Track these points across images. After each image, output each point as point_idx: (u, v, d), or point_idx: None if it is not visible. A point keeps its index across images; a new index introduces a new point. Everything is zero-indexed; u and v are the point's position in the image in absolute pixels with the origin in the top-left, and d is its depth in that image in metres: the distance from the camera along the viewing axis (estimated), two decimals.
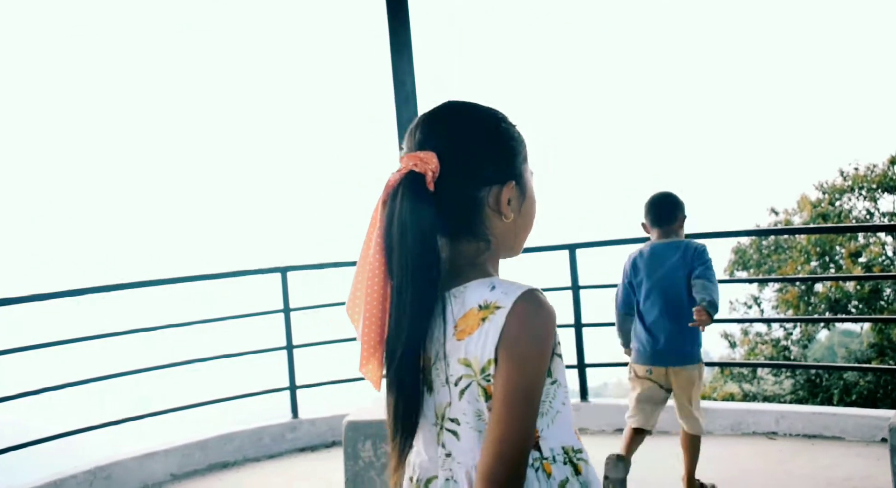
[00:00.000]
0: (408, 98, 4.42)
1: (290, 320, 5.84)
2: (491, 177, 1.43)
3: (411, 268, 1.37)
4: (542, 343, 1.35)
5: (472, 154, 1.42)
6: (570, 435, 1.45)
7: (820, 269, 15.81)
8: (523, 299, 1.35)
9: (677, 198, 4.13)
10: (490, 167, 1.43)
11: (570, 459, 1.43)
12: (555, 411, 1.42)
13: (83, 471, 4.87)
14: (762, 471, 4.46)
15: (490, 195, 1.43)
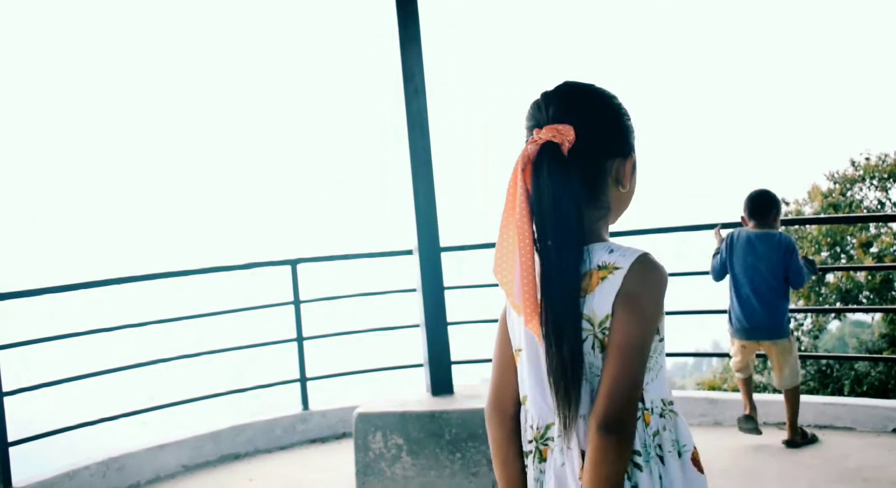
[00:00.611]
0: (417, 91, 4.41)
1: (300, 312, 5.85)
2: (616, 150, 1.58)
3: (569, 232, 1.50)
4: (657, 299, 1.50)
5: (604, 128, 1.56)
6: (666, 388, 1.59)
7: (831, 260, 15.76)
8: (639, 261, 1.49)
9: (773, 196, 4.73)
10: (616, 141, 1.58)
11: (666, 411, 1.57)
12: (659, 366, 1.56)
13: (96, 463, 4.90)
14: (773, 462, 4.46)
15: (613, 166, 1.58)
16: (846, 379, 13.67)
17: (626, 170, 1.59)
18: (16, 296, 4.81)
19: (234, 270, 5.86)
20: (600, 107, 1.57)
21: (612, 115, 1.58)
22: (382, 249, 6.11)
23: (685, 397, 5.54)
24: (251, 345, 5.82)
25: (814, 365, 14.17)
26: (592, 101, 1.58)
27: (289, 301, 5.84)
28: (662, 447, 1.54)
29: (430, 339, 4.59)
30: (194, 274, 5.73)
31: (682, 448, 1.56)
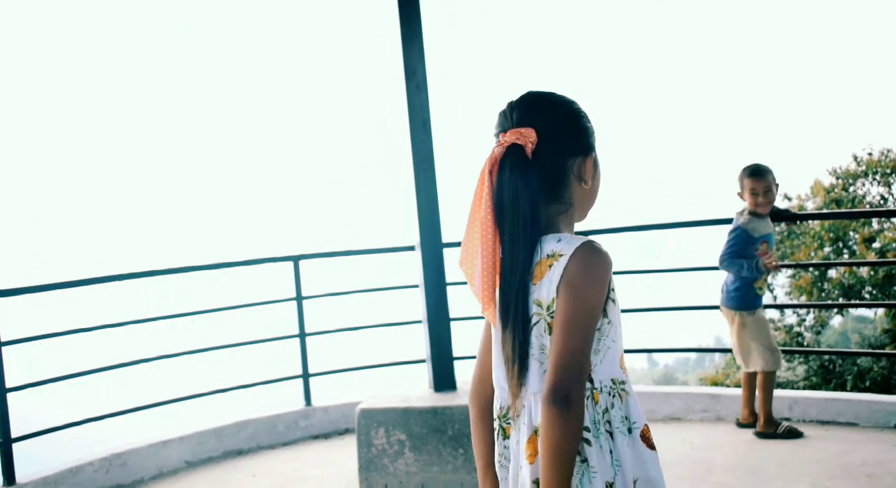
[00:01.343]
0: (419, 87, 4.41)
1: (302, 308, 5.85)
2: (576, 150, 1.72)
3: (524, 225, 1.65)
4: (597, 280, 1.62)
5: (563, 130, 1.71)
6: (617, 368, 1.70)
7: (833, 255, 15.70)
8: (581, 247, 1.63)
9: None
10: (576, 141, 1.72)
11: (617, 390, 1.68)
12: (606, 348, 1.67)
13: (99, 458, 4.91)
14: (776, 458, 4.45)
15: (575, 165, 1.72)
16: (849, 375, 13.64)
17: (587, 167, 1.73)
18: (19, 292, 4.82)
19: (237, 267, 5.86)
20: (560, 111, 1.73)
21: (571, 118, 1.73)
22: (384, 245, 6.11)
23: (687, 393, 5.53)
24: (254, 341, 5.83)
25: (816, 360, 14.15)
26: (552, 107, 1.73)
27: (291, 297, 5.84)
28: (612, 423, 1.64)
29: (433, 335, 4.60)
30: (197, 270, 5.73)
31: (632, 424, 1.67)
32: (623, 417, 1.66)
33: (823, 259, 15.61)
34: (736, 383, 15.68)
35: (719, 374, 17.64)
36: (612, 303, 1.67)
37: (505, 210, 1.66)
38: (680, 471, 4.34)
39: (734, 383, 15.71)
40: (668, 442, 4.91)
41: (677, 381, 41.02)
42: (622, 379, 1.69)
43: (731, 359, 17.64)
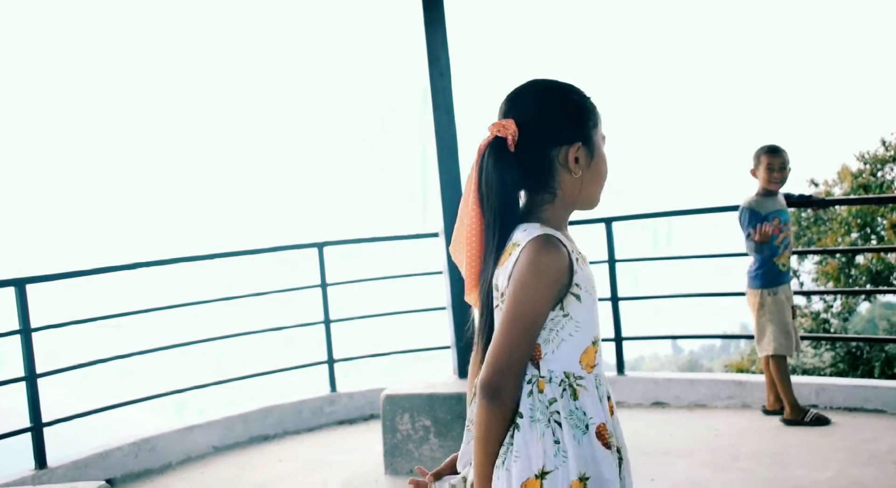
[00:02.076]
0: (442, 73, 4.41)
1: (327, 295, 5.88)
2: (562, 139, 1.70)
3: (495, 214, 1.70)
4: (540, 276, 1.61)
5: (545, 120, 1.70)
6: (575, 363, 1.67)
7: (861, 241, 15.55)
8: (533, 240, 1.63)
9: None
10: (561, 131, 1.70)
11: (570, 383, 1.65)
12: (560, 339, 1.66)
13: (128, 444, 4.98)
14: (803, 445, 4.43)
15: (561, 154, 1.70)
16: (876, 362, 13.53)
17: (572, 156, 1.70)
18: (50, 278, 4.88)
19: (261, 253, 5.89)
20: (543, 100, 1.72)
21: (553, 108, 1.71)
22: (408, 232, 6.11)
23: (712, 379, 5.51)
24: (279, 327, 5.86)
25: (843, 347, 14.04)
26: (535, 97, 1.73)
27: (316, 284, 5.87)
28: (561, 414, 1.63)
29: (457, 322, 4.61)
30: (222, 257, 5.77)
31: (588, 421, 1.64)
32: (572, 411, 1.64)
33: (851, 245, 15.46)
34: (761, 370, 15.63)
35: (745, 361, 17.55)
36: (575, 298, 1.66)
37: (485, 200, 1.72)
38: (705, 458, 4.33)
39: (759, 370, 15.64)
40: (693, 429, 4.90)
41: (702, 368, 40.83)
42: (580, 375, 1.67)
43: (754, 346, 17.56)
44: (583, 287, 1.66)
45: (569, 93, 1.74)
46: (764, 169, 4.82)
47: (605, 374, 1.75)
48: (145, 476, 4.95)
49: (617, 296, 5.73)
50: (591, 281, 1.70)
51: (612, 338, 5.78)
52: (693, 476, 4.10)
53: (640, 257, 6.01)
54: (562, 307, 1.65)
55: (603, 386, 1.70)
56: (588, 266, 1.72)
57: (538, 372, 1.66)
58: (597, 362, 1.70)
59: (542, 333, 1.66)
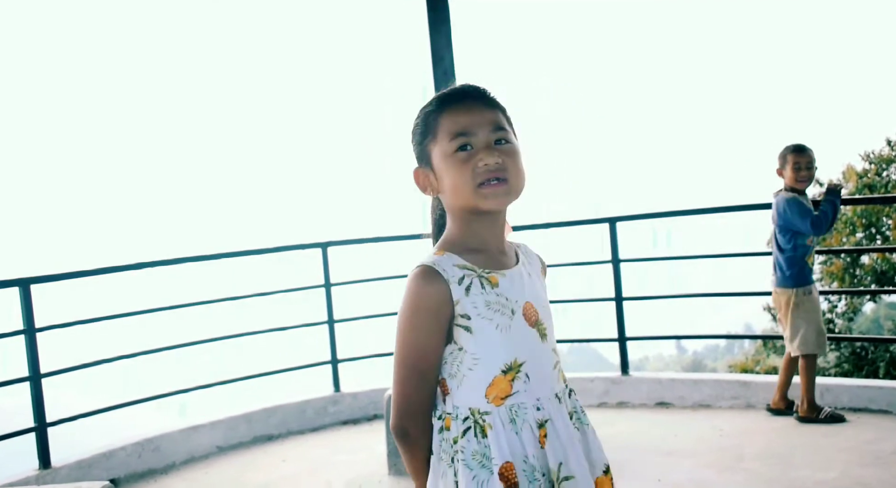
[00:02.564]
0: (446, 73, 4.40)
1: (331, 295, 5.88)
2: (417, 159, 1.69)
3: (434, 238, 1.75)
4: (413, 311, 1.57)
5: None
6: (480, 397, 1.58)
7: (866, 241, 15.51)
8: (411, 273, 1.59)
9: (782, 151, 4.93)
10: (414, 152, 1.69)
11: (476, 420, 1.57)
12: (461, 374, 1.59)
13: (132, 443, 4.98)
14: (807, 445, 4.42)
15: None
16: (881, 362, 13.51)
17: (416, 182, 1.69)
18: (54, 278, 4.88)
19: (266, 253, 5.90)
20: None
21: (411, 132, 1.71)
22: (412, 232, 6.11)
23: (717, 380, 5.50)
24: (283, 327, 5.86)
25: (848, 347, 14.02)
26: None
27: (319, 284, 5.87)
28: (465, 453, 1.56)
29: None
30: (226, 257, 5.77)
31: (489, 462, 1.55)
32: (475, 450, 1.55)
33: (856, 245, 15.43)
34: (766, 370, 15.59)
35: (749, 361, 17.53)
36: (464, 330, 1.57)
37: None
38: (709, 459, 4.32)
39: (764, 370, 15.62)
40: (698, 430, 4.89)
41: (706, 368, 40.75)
42: (486, 410, 1.57)
43: (761, 346, 17.52)
44: (474, 315, 1.57)
45: (417, 115, 1.69)
46: (791, 168, 4.80)
47: (550, 396, 1.63)
48: (149, 476, 4.95)
49: (621, 296, 5.72)
50: (497, 304, 1.59)
51: (616, 339, 5.78)
52: (697, 476, 4.09)
53: (643, 257, 5.99)
54: (454, 341, 1.59)
55: (527, 416, 1.59)
56: (500, 287, 1.60)
57: (446, 409, 1.60)
58: (515, 390, 1.59)
59: (446, 368, 1.60)
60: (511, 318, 1.60)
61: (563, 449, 1.60)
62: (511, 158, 1.61)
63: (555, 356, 1.69)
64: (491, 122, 1.61)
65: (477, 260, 1.62)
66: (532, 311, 1.64)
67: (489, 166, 1.58)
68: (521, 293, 1.64)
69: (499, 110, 1.66)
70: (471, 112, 1.61)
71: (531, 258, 1.77)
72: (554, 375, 1.66)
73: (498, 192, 1.59)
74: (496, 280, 1.61)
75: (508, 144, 1.62)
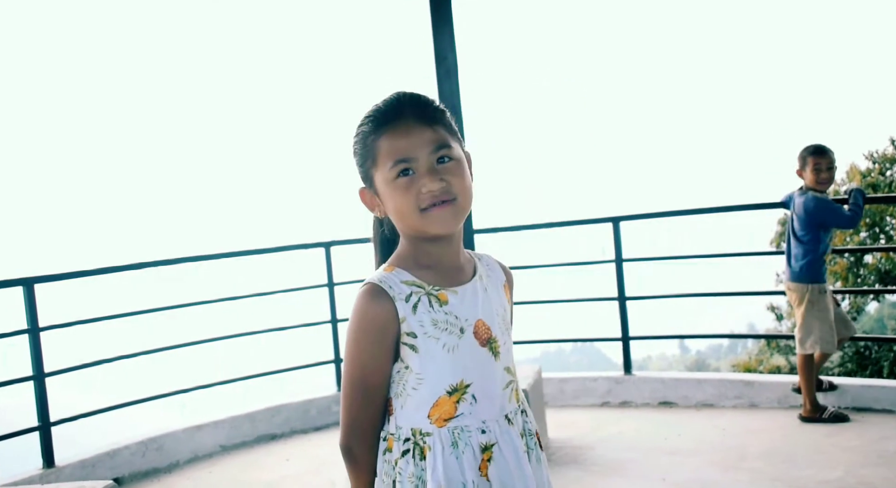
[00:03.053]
0: (449, 72, 4.40)
1: (334, 294, 5.88)
2: (362, 180, 1.64)
3: (380, 255, 1.79)
4: (352, 327, 1.54)
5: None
6: (423, 418, 1.54)
7: (869, 240, 15.48)
8: (359, 290, 1.58)
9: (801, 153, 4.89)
10: (358, 172, 1.64)
11: (416, 441, 1.53)
12: (406, 394, 1.55)
13: (136, 442, 4.99)
14: (811, 445, 4.41)
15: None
16: (885, 361, 13.47)
17: (363, 201, 1.68)
18: (58, 278, 4.89)
19: (269, 253, 5.90)
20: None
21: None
22: None
23: (720, 379, 5.49)
24: (286, 327, 5.87)
25: (852, 346, 13.98)
26: None
27: (323, 283, 5.87)
28: (404, 476, 1.52)
29: None
30: (229, 257, 5.77)
31: (424, 485, 1.51)
32: (413, 475, 1.51)
33: (859, 244, 15.40)
34: (770, 369, 15.55)
35: (752, 361, 17.49)
36: (410, 348, 1.53)
37: None
38: (712, 458, 4.32)
39: (767, 370, 15.58)
40: (701, 429, 4.89)
41: (710, 368, 40.75)
42: (427, 431, 1.53)
43: (765, 346, 17.49)
44: (420, 334, 1.52)
45: (354, 134, 1.63)
46: (811, 170, 4.78)
47: (498, 418, 1.57)
48: (153, 475, 4.96)
49: (624, 295, 5.71)
50: (445, 323, 1.54)
51: (620, 338, 5.77)
52: (701, 475, 4.08)
53: (647, 257, 5.98)
54: (400, 359, 1.55)
55: (470, 439, 1.53)
56: (450, 305, 1.56)
57: (390, 429, 1.57)
58: (459, 412, 1.54)
59: (392, 387, 1.57)
60: (460, 337, 1.55)
61: (509, 475, 1.54)
62: (455, 176, 1.54)
63: (508, 375, 1.62)
64: (431, 143, 1.53)
65: (427, 276, 1.57)
66: (484, 329, 1.58)
67: (433, 192, 1.51)
68: (473, 310, 1.58)
69: (439, 125, 1.56)
70: (409, 134, 1.53)
71: (493, 271, 1.70)
72: (505, 395, 1.60)
73: (445, 215, 1.53)
74: (445, 297, 1.56)
75: (451, 161, 1.54)
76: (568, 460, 4.47)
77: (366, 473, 1.58)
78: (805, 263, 4.82)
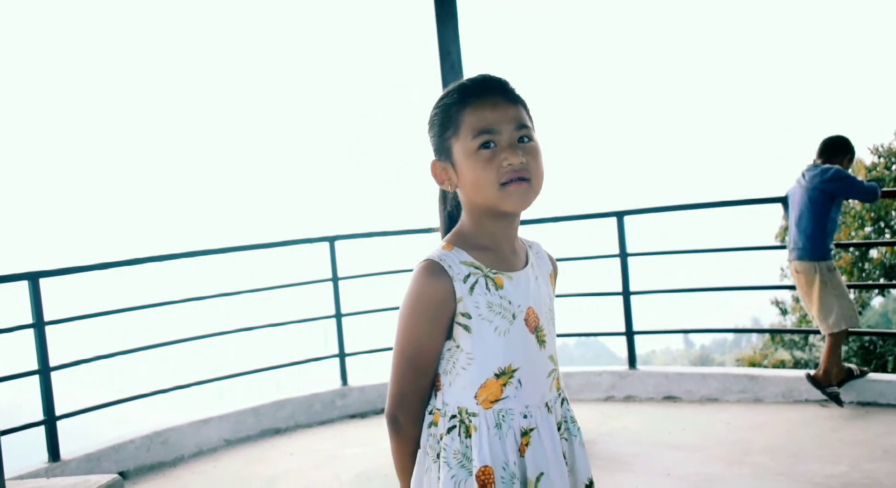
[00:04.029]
0: (453, 67, 4.39)
1: (338, 289, 5.89)
2: (436, 155, 1.64)
3: (444, 232, 1.73)
4: (414, 304, 1.55)
5: (429, 137, 1.65)
6: (470, 398, 1.57)
7: (875, 235, 15.45)
8: (417, 266, 1.58)
9: (836, 141, 4.94)
10: (434, 147, 1.64)
11: (462, 420, 1.57)
12: (455, 372, 1.58)
13: (141, 437, 5.00)
14: (815, 439, 4.41)
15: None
16: (890, 356, 13.45)
17: (434, 175, 1.65)
18: (63, 272, 4.89)
19: (273, 247, 5.90)
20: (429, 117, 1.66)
21: (428, 124, 1.65)
22: (420, 226, 6.10)
23: (724, 374, 5.49)
24: (290, 321, 5.87)
25: (856, 341, 13.97)
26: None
27: (327, 278, 5.88)
28: (448, 451, 1.55)
29: None
30: (234, 251, 5.77)
31: (469, 463, 1.55)
32: (457, 450, 1.55)
33: (864, 238, 15.37)
34: (774, 364, 15.53)
35: (757, 355, 17.48)
36: (463, 328, 1.56)
37: None
38: (717, 453, 4.31)
39: (772, 364, 15.56)
40: (705, 424, 4.89)
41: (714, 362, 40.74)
42: (473, 411, 1.56)
43: (769, 340, 17.48)
44: (475, 315, 1.55)
45: (435, 105, 1.63)
46: (844, 164, 4.87)
47: (539, 405, 1.61)
48: (158, 469, 4.97)
49: (629, 290, 5.71)
50: (499, 307, 1.57)
51: (624, 332, 5.77)
52: (706, 470, 4.08)
53: (651, 251, 5.97)
54: (452, 338, 1.58)
55: (513, 422, 1.57)
56: (504, 290, 1.58)
57: (437, 404, 1.61)
58: (504, 395, 1.57)
59: (442, 363, 1.60)
60: (511, 322, 1.58)
61: (545, 460, 1.58)
62: (534, 158, 1.56)
63: (551, 364, 1.65)
64: (515, 119, 1.55)
65: (485, 258, 1.59)
66: (533, 317, 1.61)
67: (514, 166, 1.53)
68: (526, 297, 1.61)
69: (521, 106, 1.59)
70: (495, 108, 1.55)
71: (542, 260, 1.73)
72: (547, 383, 1.63)
73: (521, 192, 1.54)
74: (501, 281, 1.58)
75: (531, 142, 1.57)
76: None
77: (409, 444, 1.61)
78: (812, 239, 4.81)
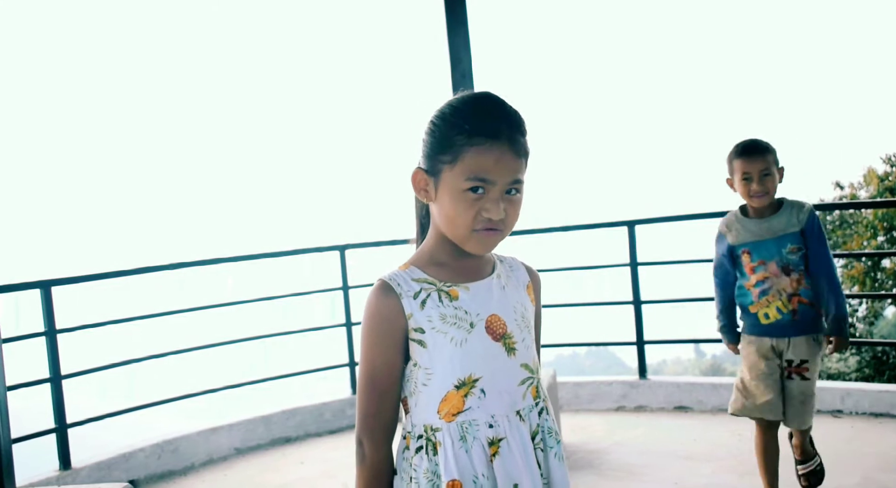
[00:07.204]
0: (464, 75, 4.40)
1: (348, 297, 5.89)
2: (423, 160, 1.59)
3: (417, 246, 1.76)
4: (363, 322, 1.58)
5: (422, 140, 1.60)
6: (433, 414, 1.56)
7: (887, 244, 15.38)
8: (372, 288, 1.60)
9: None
10: (423, 153, 1.59)
11: (429, 437, 1.56)
12: (418, 391, 1.58)
13: (151, 445, 5.01)
14: (828, 450, 4.37)
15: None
16: None
17: (413, 180, 1.61)
18: (75, 281, 4.92)
19: (284, 256, 5.92)
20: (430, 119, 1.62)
21: (427, 126, 1.60)
22: None
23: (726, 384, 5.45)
24: (301, 329, 5.88)
25: (869, 351, 13.91)
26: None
27: (338, 286, 5.88)
28: (419, 472, 1.55)
29: None
30: (244, 260, 5.79)
31: (439, 480, 1.53)
32: (428, 470, 1.54)
33: (877, 248, 15.31)
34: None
35: None
36: (418, 344, 1.55)
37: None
38: (729, 464, 4.29)
39: None
40: (717, 435, 4.86)
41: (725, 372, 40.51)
42: (436, 426, 1.55)
43: None
44: (428, 329, 1.54)
45: (441, 116, 1.57)
46: (739, 180, 3.29)
47: (508, 413, 1.57)
48: (168, 477, 4.98)
49: (639, 299, 5.69)
50: (453, 317, 1.56)
51: (635, 342, 5.75)
52: (717, 481, 4.06)
53: (662, 260, 5.95)
54: (410, 357, 1.58)
55: (478, 433, 1.55)
56: (460, 300, 1.57)
57: (407, 427, 1.61)
58: (467, 407, 1.55)
59: (407, 386, 1.60)
60: (469, 331, 1.56)
61: (517, 470, 1.54)
62: (514, 210, 1.55)
63: (524, 372, 1.62)
64: (512, 174, 1.52)
65: (440, 273, 1.60)
66: (499, 324, 1.59)
67: (492, 220, 1.52)
68: (486, 306, 1.59)
69: (524, 157, 1.55)
70: (498, 161, 1.50)
71: (516, 272, 1.71)
72: (519, 392, 1.60)
73: (489, 241, 1.55)
74: (457, 293, 1.58)
75: (518, 194, 1.55)
76: (582, 464, 4.46)
77: (368, 470, 1.58)
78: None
